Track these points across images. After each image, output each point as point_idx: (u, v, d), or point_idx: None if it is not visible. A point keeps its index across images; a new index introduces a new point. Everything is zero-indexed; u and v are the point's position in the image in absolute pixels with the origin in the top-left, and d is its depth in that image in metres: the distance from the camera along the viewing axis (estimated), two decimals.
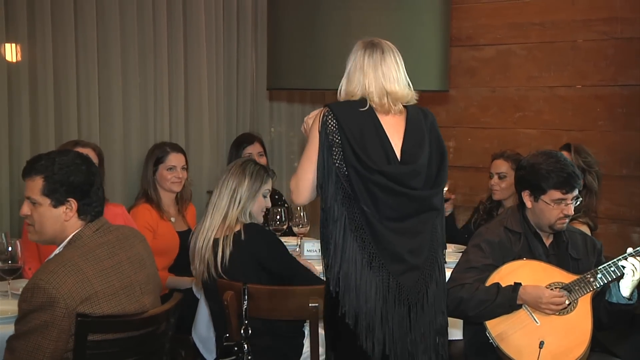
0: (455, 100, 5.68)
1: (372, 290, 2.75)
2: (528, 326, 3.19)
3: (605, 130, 5.11)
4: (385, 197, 2.76)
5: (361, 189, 2.75)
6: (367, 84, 2.84)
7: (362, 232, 2.75)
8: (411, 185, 2.80)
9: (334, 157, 2.76)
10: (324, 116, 2.80)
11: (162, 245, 4.24)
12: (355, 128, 2.77)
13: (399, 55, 2.92)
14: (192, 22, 5.04)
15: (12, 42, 4.24)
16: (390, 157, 2.80)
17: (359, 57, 2.89)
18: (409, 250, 2.80)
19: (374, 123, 2.81)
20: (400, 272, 2.78)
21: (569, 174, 3.26)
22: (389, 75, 2.85)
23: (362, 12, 4.40)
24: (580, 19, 5.14)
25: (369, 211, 2.75)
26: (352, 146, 2.75)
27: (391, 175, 2.77)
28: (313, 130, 2.83)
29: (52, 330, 2.55)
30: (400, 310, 2.78)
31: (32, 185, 2.71)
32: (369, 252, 2.76)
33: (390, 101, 2.84)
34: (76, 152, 2.84)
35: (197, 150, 5.13)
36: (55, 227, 2.73)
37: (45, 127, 4.35)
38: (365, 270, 2.75)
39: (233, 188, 3.39)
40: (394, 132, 2.84)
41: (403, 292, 2.78)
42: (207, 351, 3.79)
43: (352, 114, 2.80)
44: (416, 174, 2.81)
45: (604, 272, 3.19)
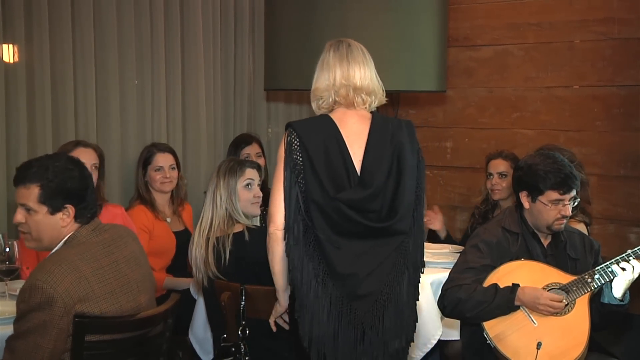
0: (452, 100, 5.68)
1: (324, 314, 2.71)
2: (526, 327, 3.19)
3: (602, 130, 5.11)
4: (343, 222, 2.72)
5: (317, 212, 2.71)
6: (333, 77, 2.82)
7: (317, 255, 2.71)
8: (369, 209, 2.74)
9: (297, 177, 2.72)
10: (288, 136, 2.77)
11: (159, 245, 4.24)
12: (318, 144, 2.74)
13: (367, 53, 2.89)
14: (189, 23, 5.04)
15: (10, 43, 4.24)
16: (351, 175, 2.74)
17: (325, 54, 2.89)
18: (365, 275, 2.73)
19: (336, 137, 2.76)
20: (355, 296, 2.73)
21: (567, 174, 3.27)
22: (354, 67, 2.82)
23: (359, 12, 4.40)
24: (577, 19, 5.14)
25: (324, 236, 2.70)
26: (315, 168, 2.71)
27: (349, 201, 2.71)
28: (280, 152, 2.79)
29: (50, 329, 2.55)
30: (353, 334, 2.73)
31: (27, 193, 2.70)
32: (322, 276, 2.71)
33: (356, 95, 2.81)
34: (68, 157, 2.83)
35: (194, 151, 5.13)
36: (52, 234, 2.72)
37: (42, 129, 4.34)
38: (319, 294, 2.71)
39: (212, 191, 3.46)
40: (355, 141, 2.79)
41: (357, 316, 2.73)
42: (204, 352, 3.79)
43: (315, 130, 2.77)
44: (374, 197, 2.74)
45: (601, 273, 3.19)
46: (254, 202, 3.51)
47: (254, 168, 3.54)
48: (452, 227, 5.70)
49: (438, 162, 5.75)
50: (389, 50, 4.48)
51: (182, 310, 3.11)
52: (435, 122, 5.75)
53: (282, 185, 2.75)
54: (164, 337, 2.90)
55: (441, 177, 5.77)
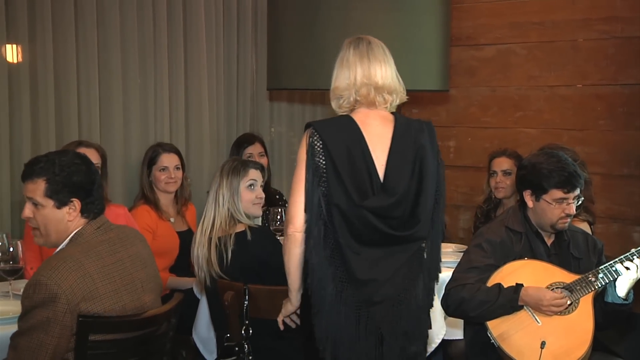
0: (455, 100, 5.68)
1: (341, 318, 2.69)
2: (529, 326, 3.19)
3: (605, 129, 5.10)
4: (364, 228, 2.68)
5: (339, 218, 2.66)
6: (353, 76, 2.76)
7: (335, 260, 2.68)
8: (392, 215, 2.70)
9: (320, 180, 2.68)
10: (309, 137, 2.72)
11: (162, 245, 4.24)
12: (342, 148, 2.69)
13: (387, 50, 2.83)
14: (192, 23, 5.04)
15: (13, 42, 4.24)
16: (373, 181, 2.70)
17: (345, 51, 2.81)
18: (384, 280, 2.70)
19: (359, 140, 2.71)
20: (373, 302, 2.70)
21: (570, 173, 3.26)
22: (375, 65, 2.76)
23: (362, 12, 4.40)
24: (580, 18, 5.14)
25: (344, 242, 2.67)
26: (337, 170, 2.66)
27: (374, 209, 2.67)
28: (302, 153, 2.74)
29: (54, 326, 2.55)
30: (370, 340, 2.71)
31: (34, 187, 2.71)
32: (341, 280, 2.68)
33: (377, 94, 2.76)
34: (74, 152, 2.85)
35: (197, 150, 5.13)
36: (59, 228, 2.73)
37: (45, 128, 4.35)
38: (337, 298, 2.68)
39: (215, 191, 3.45)
40: (378, 144, 2.74)
41: (373, 322, 2.70)
42: (207, 352, 3.79)
43: (337, 132, 2.72)
44: (398, 204, 2.70)
45: (605, 272, 3.18)
46: (256, 202, 3.51)
47: (257, 169, 3.54)
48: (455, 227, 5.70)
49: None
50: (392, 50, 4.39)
51: (185, 310, 3.11)
52: (438, 121, 5.74)
53: (302, 186, 2.70)
54: (167, 336, 2.90)
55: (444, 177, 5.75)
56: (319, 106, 5.88)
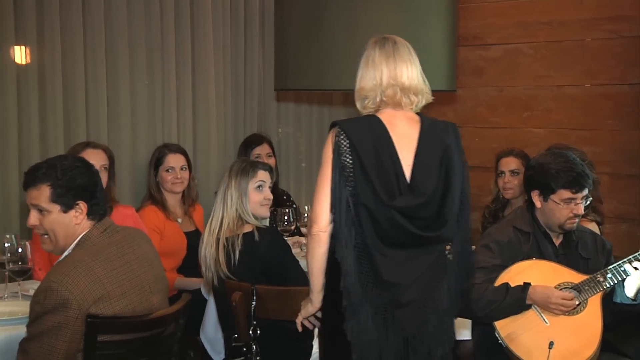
0: (462, 100, 5.68)
1: (368, 320, 2.66)
2: (537, 326, 3.18)
3: (613, 129, 5.09)
4: (392, 229, 2.65)
5: (367, 218, 2.64)
6: (379, 77, 2.72)
7: (362, 257, 2.65)
8: (420, 215, 2.67)
9: (345, 181, 2.64)
10: (336, 136, 2.68)
11: (170, 246, 4.25)
12: (369, 148, 2.65)
13: (412, 50, 2.81)
14: (199, 24, 5.05)
15: (21, 44, 4.26)
16: (400, 181, 2.67)
17: (370, 51, 2.78)
18: (410, 282, 2.68)
19: (386, 140, 2.68)
20: (398, 304, 2.67)
21: (579, 173, 3.25)
22: (402, 66, 2.73)
23: (369, 12, 4.40)
24: (588, 17, 5.13)
25: (371, 242, 2.64)
26: (365, 169, 2.64)
27: (402, 209, 2.65)
28: (327, 152, 2.69)
29: (65, 331, 2.55)
30: (396, 343, 2.68)
31: (38, 193, 2.71)
32: (368, 282, 2.65)
33: (403, 95, 2.73)
34: (73, 156, 2.86)
35: (204, 151, 5.13)
36: (67, 233, 2.73)
37: (54, 130, 4.36)
38: (363, 300, 2.65)
39: (223, 191, 3.44)
40: (405, 145, 2.71)
41: (399, 324, 2.68)
42: (215, 352, 3.79)
43: (364, 132, 2.69)
44: (426, 204, 2.68)
45: (613, 272, 3.18)
46: (264, 204, 3.51)
47: (266, 170, 3.54)
48: None
49: None
50: None
51: (193, 311, 3.11)
52: None
53: (327, 185, 2.67)
54: (175, 337, 2.90)
55: None
56: (326, 107, 5.88)
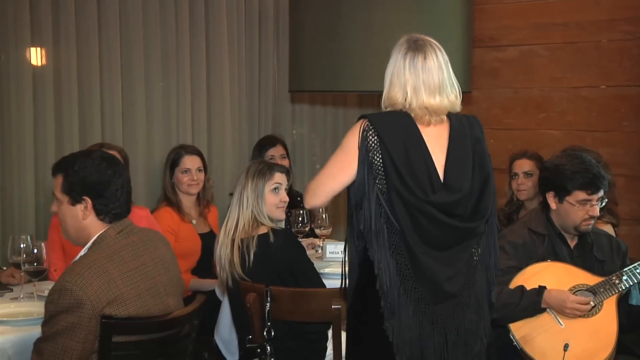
0: (477, 101, 5.66)
1: (408, 316, 2.64)
2: (552, 329, 3.17)
3: (630, 131, 5.06)
4: (429, 225, 2.62)
5: (403, 214, 2.60)
6: (408, 93, 2.67)
7: (400, 255, 2.63)
8: (456, 212, 2.66)
9: (375, 178, 2.61)
10: (364, 130, 2.62)
11: (184, 247, 4.25)
12: (399, 146, 2.61)
13: (443, 56, 2.74)
14: (214, 26, 5.06)
15: (38, 46, 4.29)
16: (434, 180, 2.64)
17: (400, 60, 2.70)
18: (447, 278, 2.66)
19: (417, 139, 2.64)
20: (436, 300, 2.66)
21: (594, 174, 3.24)
22: (430, 84, 2.67)
23: (384, 13, 4.39)
24: (604, 18, 5.10)
25: (410, 238, 2.61)
26: (398, 169, 2.59)
27: (439, 205, 2.62)
28: (351, 141, 2.65)
29: (79, 332, 2.56)
30: (436, 338, 2.67)
31: (55, 182, 2.77)
32: (405, 275, 2.63)
33: (430, 114, 2.69)
34: (102, 153, 2.84)
35: (219, 153, 5.15)
36: (74, 225, 2.76)
37: (69, 131, 4.39)
38: (402, 295, 2.63)
39: (240, 192, 3.45)
40: (435, 144, 2.68)
41: (439, 320, 2.66)
42: (229, 353, 3.80)
43: (395, 129, 2.63)
44: (460, 200, 2.66)
45: (629, 274, 3.16)
46: (280, 206, 3.51)
47: (282, 172, 3.54)
48: None
49: None
50: None
51: (207, 312, 3.12)
52: None
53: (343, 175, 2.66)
54: (190, 338, 2.90)
55: None
56: (341, 108, 5.88)
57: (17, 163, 4.23)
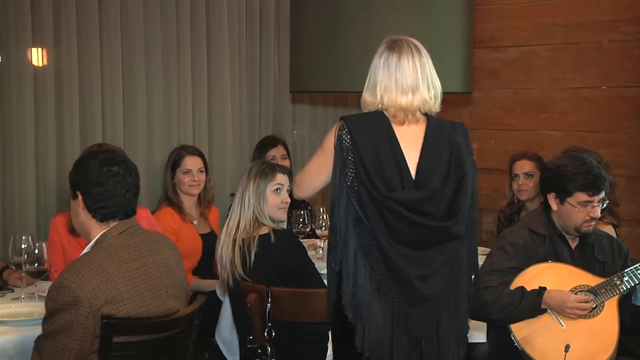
0: (478, 102, 5.66)
1: (380, 318, 2.62)
2: (553, 329, 3.17)
3: (631, 131, 5.06)
4: (399, 224, 2.62)
5: (374, 212, 2.61)
6: (378, 92, 2.71)
7: (372, 256, 2.61)
8: (425, 211, 2.64)
9: (346, 177, 2.64)
10: (339, 130, 2.67)
11: (185, 248, 4.25)
12: (370, 145, 2.64)
13: (420, 56, 2.73)
14: (215, 27, 5.07)
15: (39, 46, 4.29)
16: (404, 178, 2.65)
17: (377, 58, 2.75)
18: (419, 277, 2.64)
19: (389, 138, 2.67)
20: (409, 302, 2.64)
21: (595, 176, 3.24)
22: (402, 83, 2.69)
23: (385, 14, 4.39)
24: (605, 19, 5.10)
25: (381, 236, 2.61)
26: (366, 166, 2.62)
27: (404, 202, 2.62)
28: (329, 141, 2.72)
29: (76, 330, 2.57)
30: (407, 342, 2.65)
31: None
32: (378, 278, 2.61)
33: (403, 115, 2.70)
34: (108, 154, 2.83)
35: (220, 153, 5.15)
36: (76, 219, 2.82)
37: (70, 131, 4.39)
38: (375, 298, 2.61)
39: (241, 192, 3.45)
40: (410, 143, 2.69)
41: (411, 323, 2.64)
42: (230, 354, 3.80)
43: (368, 129, 2.67)
44: (429, 198, 2.64)
45: (630, 275, 3.16)
46: (281, 207, 3.51)
47: (284, 173, 3.54)
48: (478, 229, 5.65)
49: None
50: None
51: (208, 312, 3.11)
52: None
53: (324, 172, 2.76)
54: (190, 338, 2.90)
55: None
56: (342, 108, 5.88)
57: (18, 163, 4.23)
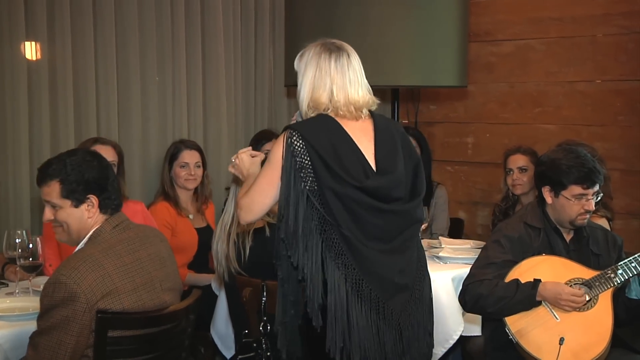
0: (473, 96, 5.66)
1: (362, 319, 2.60)
2: (548, 322, 3.17)
3: (625, 125, 5.07)
4: (369, 215, 2.61)
5: (340, 210, 2.58)
6: (335, 91, 2.71)
7: (344, 258, 2.58)
8: (393, 196, 2.66)
9: (303, 181, 2.59)
10: (288, 138, 2.63)
11: (181, 242, 4.26)
12: (326, 144, 2.62)
13: (358, 58, 2.82)
14: (210, 21, 5.06)
15: (32, 40, 4.27)
16: (366, 168, 2.65)
17: (324, 61, 2.76)
18: (399, 271, 2.66)
19: (342, 134, 2.67)
20: (390, 295, 2.64)
21: (590, 169, 3.24)
22: (354, 82, 2.74)
23: (380, 8, 4.39)
24: (599, 13, 5.11)
25: (351, 235, 2.58)
26: (327, 164, 2.60)
27: (372, 190, 2.62)
28: (276, 154, 2.64)
29: (73, 325, 2.57)
30: (392, 335, 2.64)
31: (49, 190, 2.74)
32: (354, 278, 2.58)
33: (356, 109, 2.72)
34: (85, 150, 2.88)
35: (215, 147, 5.14)
36: (80, 226, 2.75)
37: (65, 126, 4.38)
38: (353, 299, 2.58)
39: (235, 186, 3.43)
40: (362, 136, 2.71)
41: (394, 316, 2.64)
42: (225, 348, 3.81)
43: (318, 130, 2.66)
44: (397, 183, 2.67)
45: (624, 268, 3.16)
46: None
47: None
48: (473, 223, 5.69)
49: (459, 158, 5.74)
50: (410, 46, 4.47)
51: (203, 306, 3.12)
52: (456, 117, 5.73)
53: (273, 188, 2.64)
54: (186, 332, 2.91)
55: (462, 173, 5.75)
56: None
57: (12, 158, 4.22)
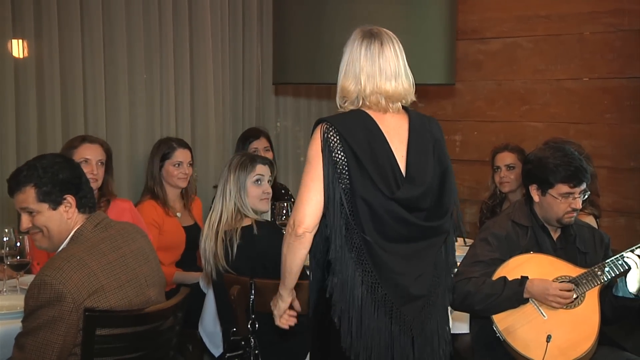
0: (461, 93, 5.68)
1: (374, 321, 2.58)
2: (535, 320, 3.19)
3: (612, 122, 5.09)
4: (394, 222, 2.57)
5: (366, 217, 2.55)
6: (363, 80, 2.63)
7: (363, 260, 2.56)
8: (420, 207, 2.61)
9: (339, 175, 2.55)
10: (324, 132, 2.56)
11: (169, 240, 4.25)
12: (362, 142, 2.56)
13: (399, 46, 2.69)
14: (197, 18, 5.04)
15: (19, 38, 4.25)
16: (396, 173, 2.59)
17: (356, 48, 2.65)
18: (414, 278, 2.62)
19: (377, 132, 2.59)
20: (404, 302, 2.61)
21: (577, 167, 3.25)
22: (386, 70, 2.63)
23: (368, 5, 4.39)
24: (587, 11, 5.13)
25: (371, 239, 2.55)
26: (361, 164, 2.54)
27: (404, 202, 2.57)
28: (314, 148, 2.58)
29: (60, 325, 2.56)
30: (404, 341, 2.63)
31: (24, 196, 2.73)
32: (370, 281, 2.57)
33: (385, 101, 2.65)
34: (52, 154, 2.87)
35: (203, 145, 5.13)
36: (60, 228, 2.75)
37: (52, 124, 4.35)
38: (367, 301, 2.57)
39: (223, 184, 3.47)
40: (395, 134, 2.63)
41: (406, 322, 2.62)
42: (213, 346, 3.80)
43: (355, 126, 2.59)
44: (425, 195, 2.62)
45: (611, 266, 3.18)
46: (263, 198, 3.51)
47: (265, 164, 3.53)
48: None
49: None
50: None
51: (191, 304, 3.11)
52: (444, 115, 5.74)
53: (318, 184, 2.55)
54: (174, 330, 2.91)
55: None
56: (325, 100, 5.88)
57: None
